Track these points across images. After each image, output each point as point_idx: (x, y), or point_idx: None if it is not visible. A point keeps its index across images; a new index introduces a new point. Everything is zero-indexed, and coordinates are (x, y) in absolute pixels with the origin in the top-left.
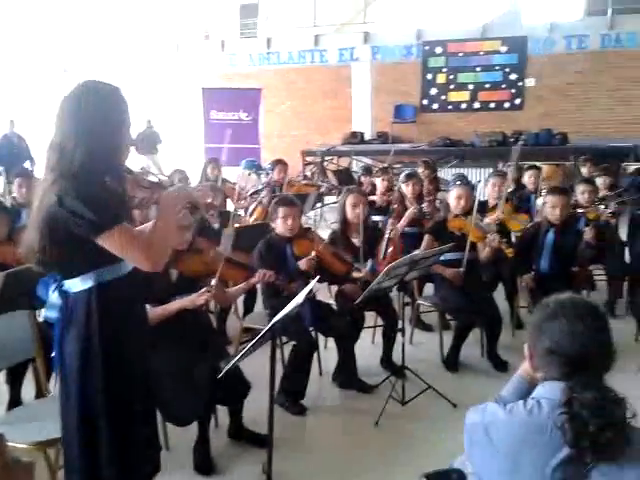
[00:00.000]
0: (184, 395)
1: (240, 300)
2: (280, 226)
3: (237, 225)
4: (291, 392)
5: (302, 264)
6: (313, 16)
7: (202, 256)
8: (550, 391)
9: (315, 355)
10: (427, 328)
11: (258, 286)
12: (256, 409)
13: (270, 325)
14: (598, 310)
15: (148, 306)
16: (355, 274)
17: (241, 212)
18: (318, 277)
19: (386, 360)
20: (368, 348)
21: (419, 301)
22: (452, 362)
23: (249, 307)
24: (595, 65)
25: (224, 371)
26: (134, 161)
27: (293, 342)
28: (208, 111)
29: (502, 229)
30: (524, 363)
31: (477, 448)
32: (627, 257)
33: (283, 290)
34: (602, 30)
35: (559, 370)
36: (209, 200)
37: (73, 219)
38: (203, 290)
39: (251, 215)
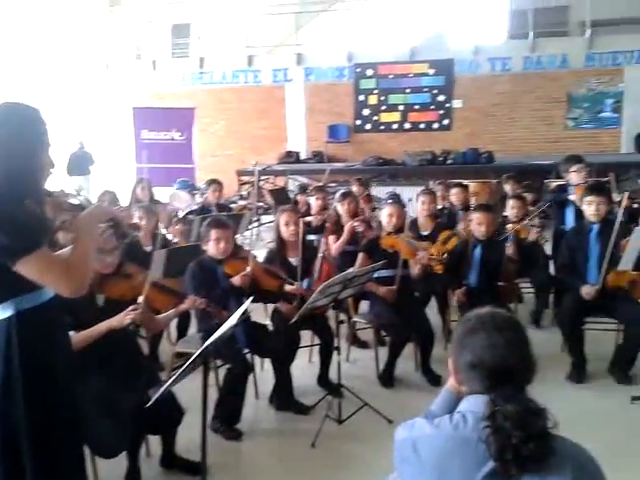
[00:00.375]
0: (109, 425)
1: (174, 324)
2: (212, 248)
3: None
4: (226, 417)
5: (236, 280)
6: (245, 37)
7: (130, 280)
8: (474, 405)
9: (251, 377)
10: (363, 345)
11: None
12: (189, 436)
13: (201, 350)
14: (517, 323)
15: (72, 332)
16: (288, 288)
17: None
18: (251, 297)
19: (323, 379)
20: (305, 367)
21: (354, 318)
22: (387, 378)
23: (182, 331)
24: (518, 86)
25: (153, 399)
26: (65, 183)
27: (228, 365)
28: (139, 131)
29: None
30: (451, 377)
31: (406, 464)
32: (552, 270)
33: (214, 316)
34: (524, 53)
35: (482, 383)
36: (136, 221)
37: None
38: (130, 309)
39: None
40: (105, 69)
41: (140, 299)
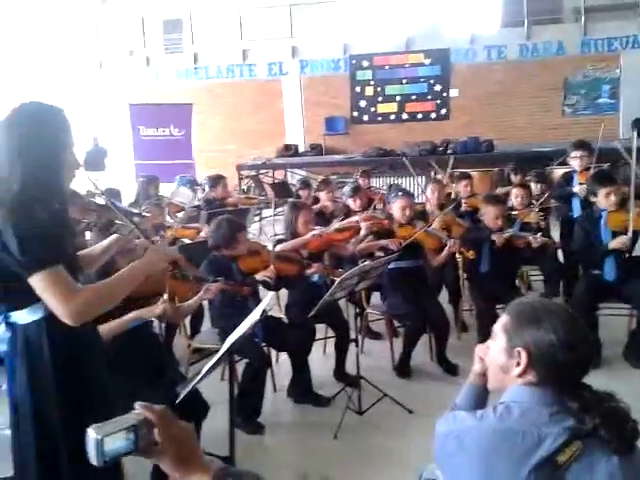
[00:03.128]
0: None
1: (187, 320)
2: (237, 250)
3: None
4: (247, 411)
5: (259, 276)
6: (239, 31)
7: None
8: (519, 395)
9: (269, 371)
10: (376, 336)
11: (205, 306)
12: (211, 431)
13: (227, 346)
14: (579, 318)
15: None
16: (308, 271)
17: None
18: (271, 293)
19: (339, 371)
20: (319, 360)
21: (367, 310)
22: (404, 369)
23: (196, 327)
24: (515, 74)
25: (182, 396)
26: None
27: (246, 360)
28: (136, 127)
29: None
30: (473, 369)
31: (449, 457)
32: (561, 257)
33: (236, 295)
34: (520, 40)
35: (543, 376)
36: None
37: (7, 256)
38: (160, 301)
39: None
40: (99, 67)
41: (165, 295)
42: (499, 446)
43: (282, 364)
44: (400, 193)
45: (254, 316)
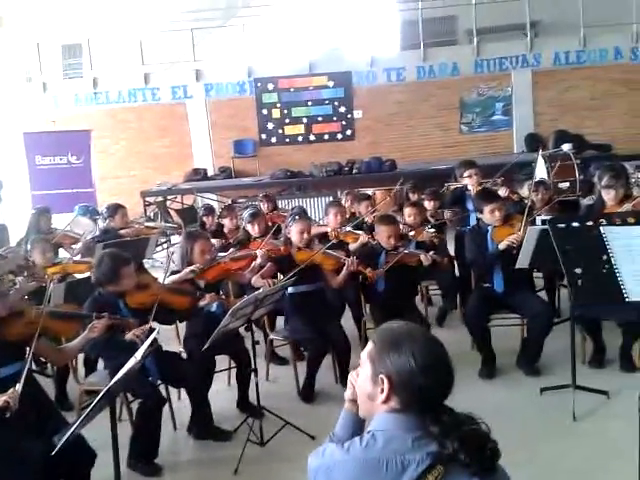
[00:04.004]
0: (19, 477)
1: (81, 360)
2: (122, 286)
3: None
4: (143, 452)
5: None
6: (140, 55)
7: (23, 318)
8: (385, 423)
9: (167, 409)
10: (283, 362)
11: None
12: (106, 477)
13: (104, 390)
14: (439, 342)
15: None
16: (202, 302)
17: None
18: (155, 331)
19: (243, 402)
20: (224, 392)
21: (271, 336)
22: (308, 393)
23: (91, 366)
24: (413, 95)
25: (59, 446)
26: None
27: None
28: (32, 157)
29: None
30: (345, 396)
31: None
32: (457, 271)
33: (124, 330)
34: (417, 62)
35: (405, 401)
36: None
37: None
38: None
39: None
40: None
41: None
42: (365, 477)
43: (184, 400)
44: (297, 217)
45: (137, 355)
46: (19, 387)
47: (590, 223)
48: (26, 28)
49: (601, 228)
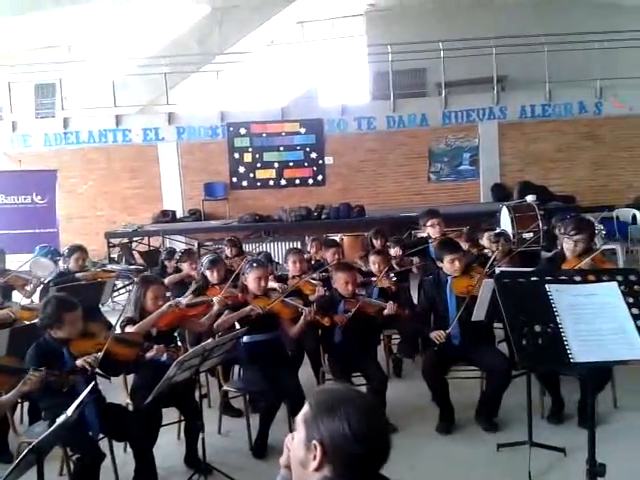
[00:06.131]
0: None
1: (25, 410)
2: (65, 332)
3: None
4: None
5: (79, 362)
6: (113, 96)
7: None
8: None
9: (111, 463)
10: (237, 414)
11: None
12: None
13: (28, 449)
14: (378, 407)
15: None
16: (149, 354)
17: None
18: (92, 384)
19: (190, 457)
20: (174, 446)
21: (225, 387)
22: (260, 448)
23: (35, 416)
24: (384, 143)
25: None
26: None
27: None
28: None
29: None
30: (280, 461)
31: None
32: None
33: (62, 385)
34: (387, 112)
35: (338, 470)
36: None
37: None
38: None
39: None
40: None
41: None
42: None
43: (130, 453)
44: (255, 264)
45: (68, 413)
46: None
47: (535, 279)
48: None
49: (546, 285)
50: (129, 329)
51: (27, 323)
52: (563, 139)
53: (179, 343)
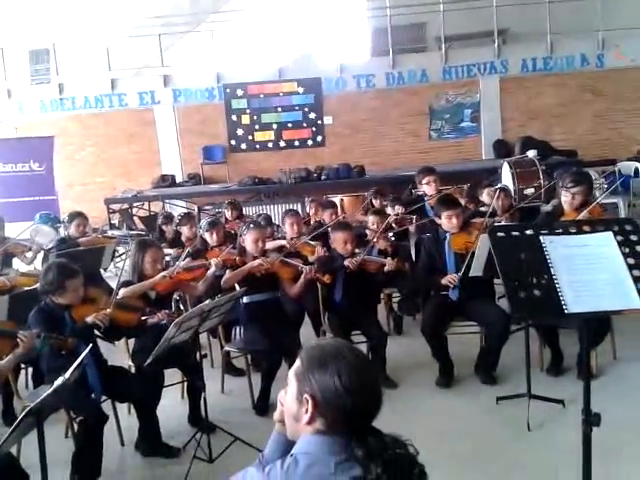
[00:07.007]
0: None
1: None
2: (67, 298)
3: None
4: (85, 471)
5: (90, 319)
6: (107, 61)
7: None
8: (308, 445)
9: (115, 425)
10: (239, 373)
11: None
12: None
13: (27, 410)
14: (369, 362)
15: None
16: (151, 320)
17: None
18: (89, 346)
19: (194, 417)
20: (177, 406)
21: (226, 347)
22: (262, 406)
23: (38, 381)
24: (383, 101)
25: None
26: None
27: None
28: None
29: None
30: (274, 416)
31: None
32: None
33: (61, 348)
34: (386, 69)
35: (344, 414)
36: None
37: None
38: None
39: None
40: None
41: None
42: None
43: (135, 415)
44: (251, 225)
45: (65, 376)
46: None
47: (530, 232)
48: None
49: (541, 238)
50: (122, 291)
51: (27, 289)
52: (565, 93)
53: (180, 307)
